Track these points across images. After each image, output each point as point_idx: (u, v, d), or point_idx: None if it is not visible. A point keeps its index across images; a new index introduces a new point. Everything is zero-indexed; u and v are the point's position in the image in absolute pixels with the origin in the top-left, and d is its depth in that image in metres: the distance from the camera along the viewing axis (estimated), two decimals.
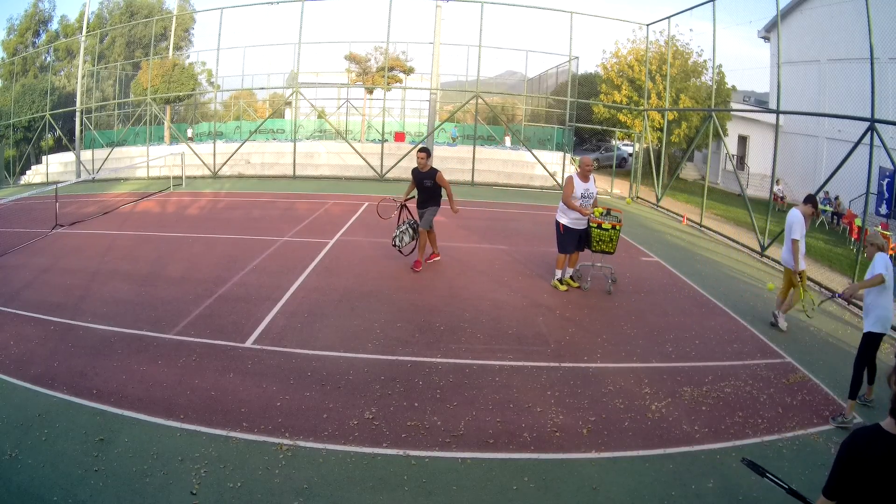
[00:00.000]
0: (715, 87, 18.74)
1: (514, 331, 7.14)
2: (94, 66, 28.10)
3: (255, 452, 4.53)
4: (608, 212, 8.82)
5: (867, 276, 5.66)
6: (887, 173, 15.93)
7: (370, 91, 28.64)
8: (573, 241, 8.63)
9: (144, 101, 24.77)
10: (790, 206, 20.17)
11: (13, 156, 29.61)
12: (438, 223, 10.29)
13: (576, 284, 8.96)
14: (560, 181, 21.27)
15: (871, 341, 5.53)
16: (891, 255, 14.21)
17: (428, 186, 9.42)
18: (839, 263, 12.68)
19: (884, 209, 16.94)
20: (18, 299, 7.89)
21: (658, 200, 18.82)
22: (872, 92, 9.93)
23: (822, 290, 9.59)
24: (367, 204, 15.54)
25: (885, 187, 16.67)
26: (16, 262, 9.80)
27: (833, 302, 5.74)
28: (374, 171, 21.43)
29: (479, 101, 21.64)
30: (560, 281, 8.88)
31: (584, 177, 8.66)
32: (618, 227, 8.54)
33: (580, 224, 8.57)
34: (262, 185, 20.03)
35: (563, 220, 8.61)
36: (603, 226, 8.49)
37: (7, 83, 32.55)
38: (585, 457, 4.65)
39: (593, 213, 8.53)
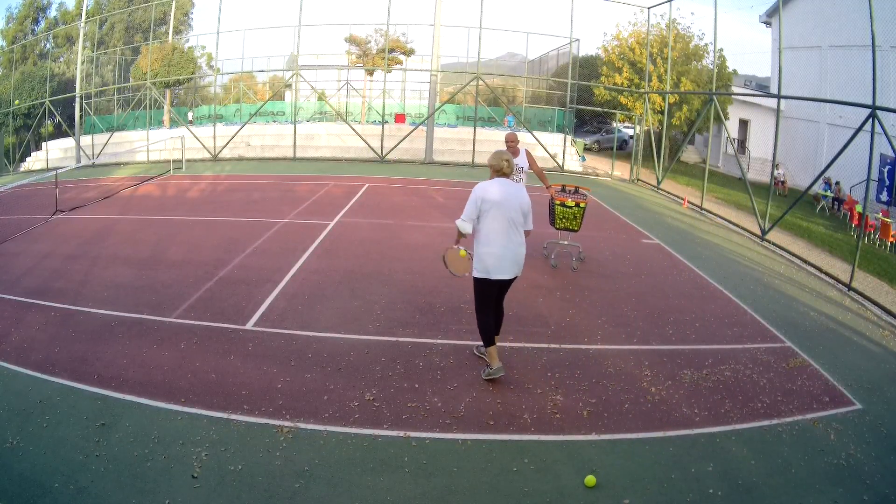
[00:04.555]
0: (716, 70, 18.59)
1: (515, 312, 7.12)
2: (93, 51, 27.88)
3: (255, 435, 4.55)
4: (576, 190, 9.00)
5: None
6: (888, 160, 15.83)
7: (370, 73, 28.44)
8: None
9: (144, 86, 24.61)
10: (791, 190, 20.16)
11: (13, 143, 29.47)
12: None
13: None
14: (561, 163, 21.58)
15: (476, 286, 5.48)
16: (891, 243, 14.03)
17: None
18: (839, 249, 12.65)
19: (884, 196, 16.85)
20: (19, 286, 7.87)
21: (659, 183, 18.76)
22: (874, 79, 9.92)
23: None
24: (367, 185, 15.50)
25: (885, 174, 16.56)
26: (16, 248, 9.78)
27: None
28: (375, 152, 21.35)
29: (480, 82, 21.50)
30: None
31: (511, 152, 8.51)
32: (582, 205, 8.74)
33: None
34: (262, 167, 19.94)
35: None
36: (566, 203, 8.60)
37: (7, 71, 32.35)
38: (585, 439, 4.67)
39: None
